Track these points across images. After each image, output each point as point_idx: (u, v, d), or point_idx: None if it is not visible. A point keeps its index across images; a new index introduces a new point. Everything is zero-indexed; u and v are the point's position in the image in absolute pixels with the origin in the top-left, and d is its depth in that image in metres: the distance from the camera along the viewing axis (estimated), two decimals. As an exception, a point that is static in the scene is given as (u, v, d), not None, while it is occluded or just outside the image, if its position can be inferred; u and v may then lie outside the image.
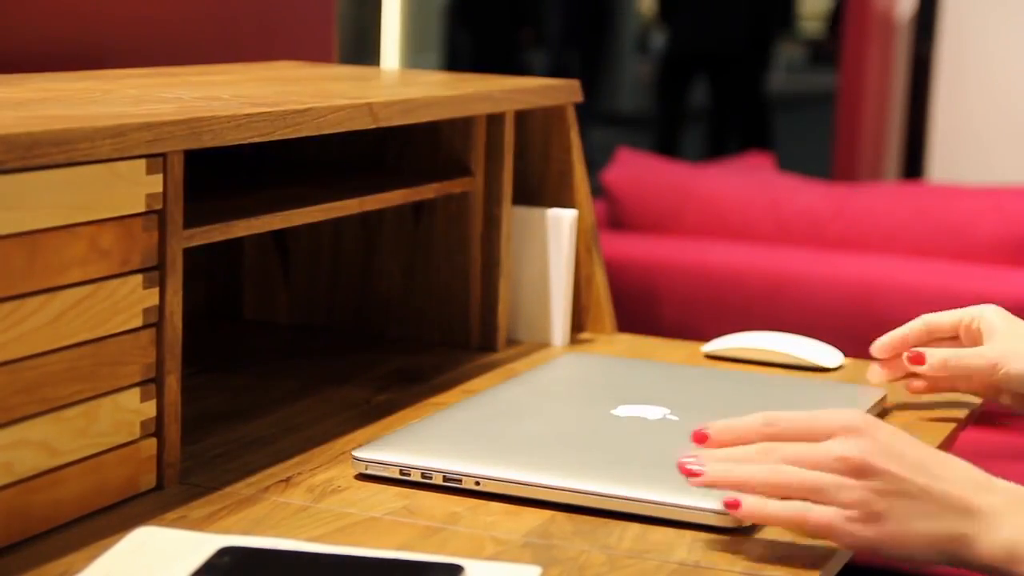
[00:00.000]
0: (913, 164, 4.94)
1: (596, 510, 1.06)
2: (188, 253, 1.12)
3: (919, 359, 1.30)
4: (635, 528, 1.04)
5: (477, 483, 1.09)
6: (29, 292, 0.97)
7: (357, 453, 1.13)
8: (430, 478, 1.10)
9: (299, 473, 1.14)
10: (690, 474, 0.99)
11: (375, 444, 1.15)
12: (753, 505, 0.98)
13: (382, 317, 1.56)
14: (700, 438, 1.02)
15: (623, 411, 1.24)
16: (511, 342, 1.55)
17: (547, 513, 1.06)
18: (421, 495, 1.09)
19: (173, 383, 1.10)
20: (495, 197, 1.51)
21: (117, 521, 1.02)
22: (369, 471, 1.12)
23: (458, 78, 1.62)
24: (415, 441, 1.15)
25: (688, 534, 1.03)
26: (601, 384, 1.34)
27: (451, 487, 1.10)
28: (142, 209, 1.06)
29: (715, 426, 1.02)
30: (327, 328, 1.57)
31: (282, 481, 1.12)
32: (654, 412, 1.23)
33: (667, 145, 6.83)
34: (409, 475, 1.11)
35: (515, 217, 1.55)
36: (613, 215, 3.12)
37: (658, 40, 8.22)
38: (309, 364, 1.46)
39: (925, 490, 0.96)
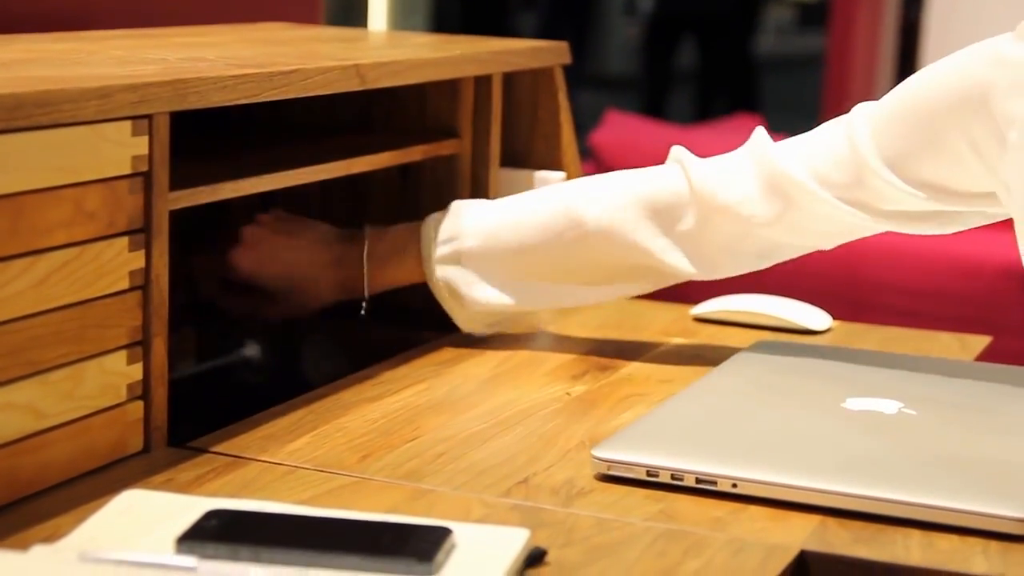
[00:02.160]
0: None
1: (870, 515, 1.00)
2: (174, 216, 1.11)
3: None
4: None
5: (734, 485, 1.03)
6: (13, 255, 0.97)
7: (597, 452, 1.07)
8: (681, 480, 1.04)
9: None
10: None
11: (612, 443, 1.08)
12: None
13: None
14: None
15: (853, 404, 1.17)
16: (499, 305, 1.55)
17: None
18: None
19: (160, 346, 1.09)
20: (482, 159, 1.50)
21: (104, 484, 1.02)
22: (612, 472, 1.06)
23: (446, 40, 1.61)
24: (652, 439, 1.09)
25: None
26: (811, 374, 1.26)
27: (704, 489, 1.04)
28: (127, 171, 1.05)
29: None
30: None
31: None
32: (887, 406, 1.17)
33: (655, 107, 6.82)
34: (657, 476, 1.04)
35: (502, 179, 1.55)
36: (601, 177, 3.11)
37: (646, 2, 8.19)
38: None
39: None
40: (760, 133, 1.33)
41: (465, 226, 1.36)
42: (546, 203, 1.36)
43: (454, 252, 1.36)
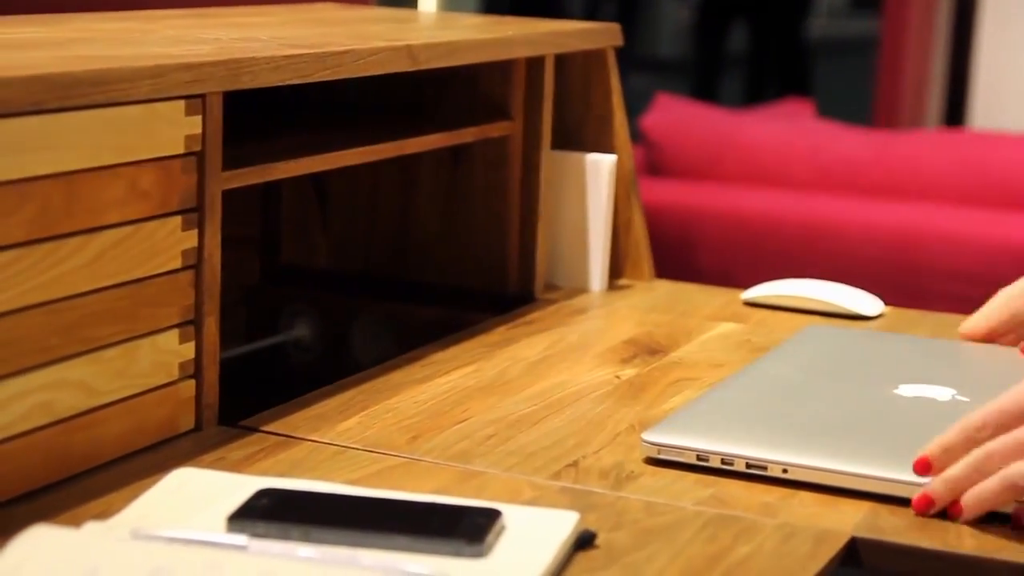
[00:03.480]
0: (955, 111, 4.89)
1: None
2: (226, 196, 1.12)
3: None
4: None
5: (784, 471, 1.02)
6: (68, 233, 0.97)
7: (648, 437, 1.06)
8: (731, 464, 1.03)
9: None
10: (927, 505, 0.98)
11: (662, 427, 1.08)
12: (972, 502, 0.97)
13: (420, 262, 1.55)
14: (923, 468, 0.99)
15: (906, 391, 1.16)
16: (549, 287, 1.55)
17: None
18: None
19: (212, 325, 1.10)
20: (534, 142, 1.50)
21: (156, 462, 1.03)
22: (661, 455, 1.06)
23: (497, 21, 1.61)
24: (702, 423, 1.08)
25: None
26: (863, 360, 1.25)
27: (755, 475, 1.03)
28: (181, 151, 1.06)
29: (932, 453, 0.99)
30: (364, 273, 1.57)
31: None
32: (941, 393, 1.15)
33: (706, 90, 6.79)
34: (707, 460, 1.04)
35: (554, 162, 1.54)
36: (651, 161, 3.10)
37: (697, -16, 8.15)
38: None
39: None
40: None
41: None
42: None
43: None
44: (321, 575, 0.81)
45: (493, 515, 0.91)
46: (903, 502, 1.00)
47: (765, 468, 1.03)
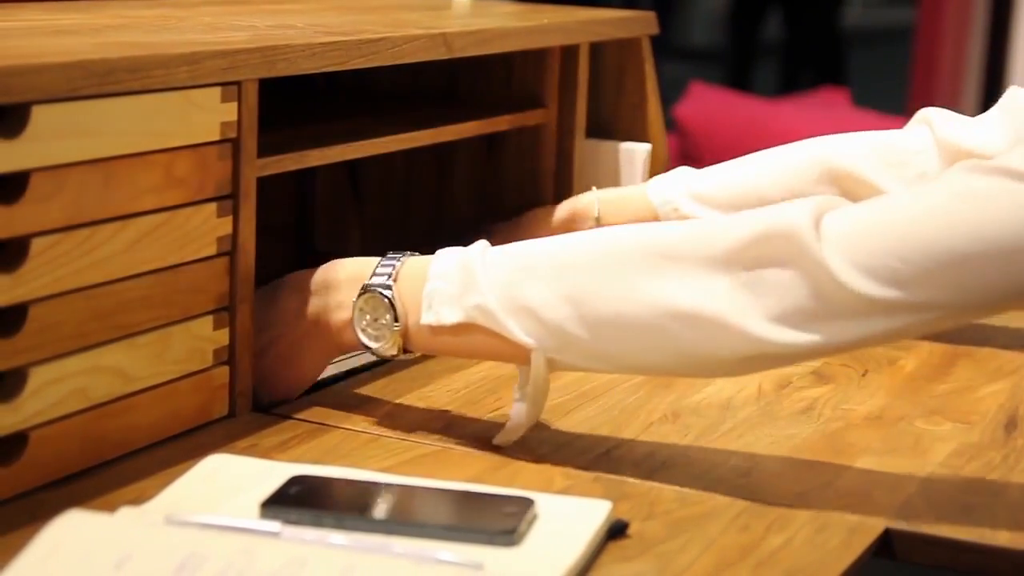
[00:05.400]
0: (991, 102, 4.86)
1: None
2: (261, 183, 1.12)
3: None
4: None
5: None
6: (104, 219, 0.97)
7: None
8: None
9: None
10: None
11: None
12: None
13: (453, 249, 1.55)
14: None
15: None
16: (582, 276, 1.54)
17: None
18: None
19: (246, 311, 1.10)
20: (568, 130, 1.50)
21: (189, 448, 1.03)
22: None
23: (532, 9, 1.60)
24: None
25: None
26: None
27: None
28: (216, 137, 1.06)
29: None
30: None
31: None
32: None
33: (740, 80, 6.77)
34: None
35: (588, 150, 1.54)
36: (685, 150, 3.10)
37: (733, -27, 8.12)
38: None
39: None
40: (1015, 90, 1.30)
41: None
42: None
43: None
44: (353, 562, 0.81)
45: (525, 504, 0.91)
46: (939, 494, 0.99)
47: None
